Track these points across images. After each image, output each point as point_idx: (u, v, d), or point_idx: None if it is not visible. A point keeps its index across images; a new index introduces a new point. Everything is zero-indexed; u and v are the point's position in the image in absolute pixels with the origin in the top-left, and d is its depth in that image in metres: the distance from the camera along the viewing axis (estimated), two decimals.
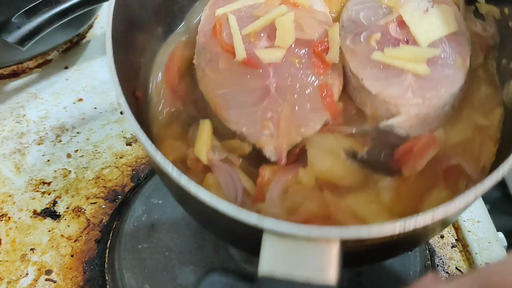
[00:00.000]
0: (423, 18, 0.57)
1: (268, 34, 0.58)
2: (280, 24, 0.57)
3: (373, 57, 0.56)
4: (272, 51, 0.56)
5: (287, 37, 0.56)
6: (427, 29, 0.57)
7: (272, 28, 0.57)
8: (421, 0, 0.59)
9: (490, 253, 0.71)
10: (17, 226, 0.71)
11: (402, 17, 0.57)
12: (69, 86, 0.91)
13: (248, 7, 0.59)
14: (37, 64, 0.93)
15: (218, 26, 0.58)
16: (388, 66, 0.55)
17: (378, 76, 0.55)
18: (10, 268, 0.67)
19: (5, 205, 0.74)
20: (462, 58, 0.56)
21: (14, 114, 0.86)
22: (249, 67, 0.55)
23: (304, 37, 0.57)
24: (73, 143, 0.82)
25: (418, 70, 0.55)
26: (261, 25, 0.57)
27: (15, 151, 0.81)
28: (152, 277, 0.65)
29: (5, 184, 0.76)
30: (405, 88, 0.54)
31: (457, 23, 0.58)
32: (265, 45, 0.57)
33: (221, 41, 0.57)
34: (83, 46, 0.98)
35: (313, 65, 0.56)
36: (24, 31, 0.74)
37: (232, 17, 0.58)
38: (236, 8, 0.59)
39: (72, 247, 0.70)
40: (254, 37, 0.57)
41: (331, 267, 0.39)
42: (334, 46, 0.57)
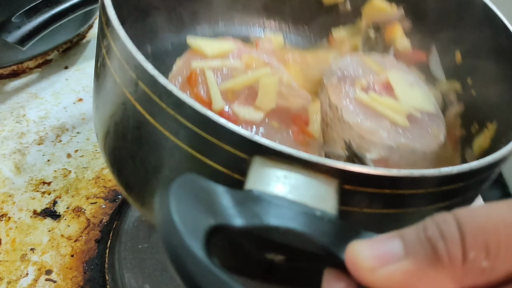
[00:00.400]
0: (408, 87, 0.57)
1: (246, 97, 0.53)
2: (263, 86, 0.53)
3: (357, 96, 0.55)
4: (252, 111, 0.52)
5: (269, 100, 0.53)
6: (411, 97, 0.57)
7: (252, 92, 0.53)
8: (407, 74, 0.60)
9: None
10: (17, 226, 0.71)
11: (389, 80, 0.57)
12: (69, 86, 0.91)
13: (227, 68, 0.56)
14: (37, 64, 0.93)
15: (193, 76, 0.54)
16: (369, 108, 0.55)
17: (358, 111, 0.54)
18: (10, 268, 0.67)
19: (5, 205, 0.74)
20: (438, 130, 0.56)
21: (14, 114, 0.86)
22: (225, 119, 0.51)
23: (285, 105, 0.54)
24: (73, 143, 0.82)
25: (398, 120, 0.54)
26: (242, 83, 0.53)
27: (15, 151, 0.81)
28: (152, 277, 0.65)
29: (5, 184, 0.76)
30: (383, 127, 0.54)
31: (435, 108, 0.58)
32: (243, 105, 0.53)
33: (196, 92, 0.53)
34: (83, 46, 0.98)
35: (293, 133, 0.54)
36: (24, 31, 0.74)
37: (209, 71, 0.54)
38: (215, 66, 0.55)
39: (72, 247, 0.70)
40: (232, 95, 0.53)
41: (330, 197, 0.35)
42: (315, 120, 0.55)
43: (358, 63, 0.61)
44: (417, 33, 0.63)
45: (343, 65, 0.60)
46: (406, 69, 0.62)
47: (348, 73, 0.59)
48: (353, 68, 0.60)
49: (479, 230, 0.28)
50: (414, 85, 0.59)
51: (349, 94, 0.56)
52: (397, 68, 0.61)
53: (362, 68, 0.60)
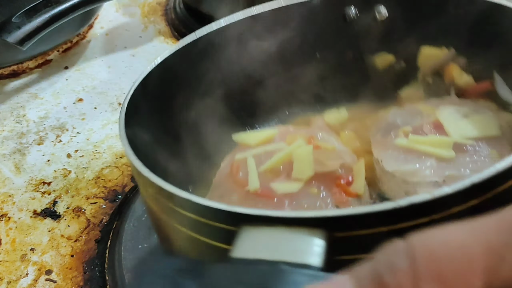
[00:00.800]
0: (460, 119, 0.54)
1: (288, 173, 0.53)
2: (297, 156, 0.53)
3: (396, 142, 0.53)
4: (288, 183, 0.52)
5: (304, 168, 0.52)
6: (463, 128, 0.53)
7: (291, 166, 0.53)
8: (461, 107, 0.56)
9: None
10: (17, 226, 0.71)
11: (439, 118, 0.55)
12: (69, 86, 0.91)
13: (269, 152, 0.56)
14: (37, 64, 0.94)
15: (235, 166, 0.55)
16: (411, 151, 0.52)
17: (398, 158, 0.53)
18: (10, 268, 0.67)
19: (5, 205, 0.74)
20: (498, 152, 0.52)
21: (14, 114, 0.86)
22: (262, 197, 0.52)
23: (324, 170, 0.53)
24: (73, 143, 0.82)
25: (442, 154, 0.51)
26: (278, 160, 0.54)
27: (15, 151, 0.81)
28: None
29: (5, 184, 0.76)
30: (424, 166, 0.51)
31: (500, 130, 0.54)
32: (282, 181, 0.53)
33: (236, 178, 0.54)
34: (83, 46, 0.98)
35: (334, 195, 0.52)
36: (24, 31, 0.74)
37: (251, 158, 0.55)
38: (257, 153, 0.56)
39: (72, 247, 0.70)
40: (272, 174, 0.54)
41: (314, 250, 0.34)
42: (359, 178, 0.53)
43: (410, 111, 0.58)
44: (476, 65, 0.62)
45: (391, 117, 0.58)
46: (462, 103, 0.59)
47: (395, 123, 0.57)
48: (402, 117, 0.58)
49: (432, 258, 0.25)
50: (469, 116, 0.55)
51: (390, 144, 0.54)
52: (450, 104, 0.58)
53: (413, 115, 0.58)
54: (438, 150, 0.51)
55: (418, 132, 0.55)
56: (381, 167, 0.54)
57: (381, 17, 0.62)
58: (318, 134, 0.59)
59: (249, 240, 0.36)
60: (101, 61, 0.96)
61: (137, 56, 0.96)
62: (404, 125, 0.56)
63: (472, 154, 0.51)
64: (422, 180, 0.51)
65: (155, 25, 1.03)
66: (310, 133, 0.59)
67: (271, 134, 0.59)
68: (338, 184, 0.53)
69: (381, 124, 0.58)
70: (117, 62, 0.95)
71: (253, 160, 0.55)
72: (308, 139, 0.57)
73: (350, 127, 0.63)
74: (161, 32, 1.01)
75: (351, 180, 0.53)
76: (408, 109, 0.59)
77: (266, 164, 0.54)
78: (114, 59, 0.96)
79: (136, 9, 1.07)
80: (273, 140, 0.58)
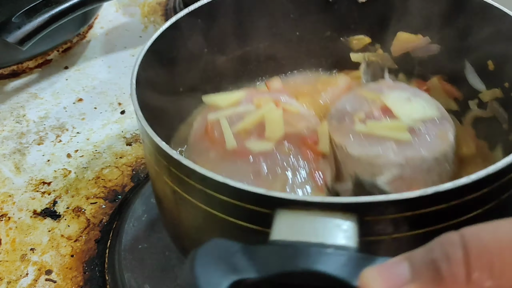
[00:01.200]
0: (406, 103, 0.60)
1: (258, 133, 0.59)
2: (269, 119, 0.59)
3: (356, 128, 0.58)
4: (261, 143, 0.57)
5: (276, 129, 0.58)
6: (410, 111, 0.59)
7: (263, 127, 0.59)
8: (403, 92, 0.62)
9: None
10: (17, 226, 0.71)
11: (386, 103, 0.60)
12: (69, 86, 0.91)
13: (239, 113, 0.61)
14: (37, 64, 0.94)
15: (209, 127, 0.60)
16: (371, 136, 0.57)
17: (361, 143, 0.57)
18: (10, 268, 0.67)
19: (5, 205, 0.74)
20: (444, 132, 0.58)
21: (14, 114, 0.86)
22: (239, 156, 0.57)
23: (293, 131, 0.59)
24: (73, 143, 0.82)
25: (399, 137, 0.57)
26: (251, 122, 0.59)
27: (15, 151, 0.81)
28: (152, 277, 0.65)
29: (5, 184, 0.76)
30: (387, 149, 0.56)
31: (440, 112, 0.61)
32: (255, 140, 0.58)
33: (212, 137, 0.59)
34: (83, 46, 0.98)
35: (303, 154, 0.58)
36: (24, 31, 0.74)
37: (223, 118, 0.60)
38: (228, 114, 0.61)
39: (72, 247, 0.70)
40: (245, 134, 0.59)
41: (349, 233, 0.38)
42: (324, 138, 0.59)
43: (354, 99, 0.64)
44: (448, 53, 0.67)
45: (340, 106, 0.63)
46: (402, 87, 0.65)
47: (346, 111, 0.62)
48: (350, 105, 0.63)
49: (484, 250, 0.28)
50: (412, 99, 0.61)
51: (349, 130, 0.59)
52: (393, 88, 0.64)
53: (360, 101, 0.63)
54: (395, 134, 0.57)
55: (370, 117, 0.59)
56: (346, 152, 0.57)
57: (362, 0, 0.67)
58: (281, 97, 0.64)
59: (286, 223, 0.39)
60: (101, 61, 0.96)
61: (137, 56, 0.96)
62: (354, 111, 0.61)
63: (424, 134, 0.57)
64: (387, 162, 0.55)
65: (155, 25, 1.03)
66: (275, 96, 0.64)
67: (239, 97, 0.63)
68: (305, 143, 0.59)
69: (331, 113, 0.63)
70: (117, 62, 0.95)
71: (226, 120, 0.60)
72: (275, 102, 0.62)
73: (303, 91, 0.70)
74: None
75: (317, 140, 0.59)
76: (354, 96, 0.64)
77: (240, 124, 0.59)
78: (114, 59, 0.96)
79: (136, 9, 1.07)
80: (241, 102, 0.63)
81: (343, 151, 0.58)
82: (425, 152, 0.56)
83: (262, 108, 0.60)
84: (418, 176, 0.56)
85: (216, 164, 0.57)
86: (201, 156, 0.58)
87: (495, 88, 0.64)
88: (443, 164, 0.58)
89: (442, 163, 0.58)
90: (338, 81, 0.69)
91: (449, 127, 0.59)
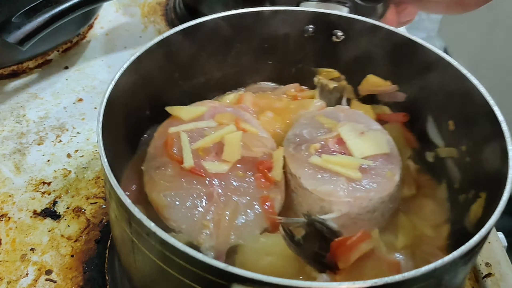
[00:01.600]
0: (359, 137, 0.64)
1: (216, 152, 0.62)
2: (228, 141, 0.62)
3: (311, 160, 0.62)
4: (218, 164, 0.61)
5: (233, 152, 0.61)
6: (362, 146, 0.64)
7: (221, 146, 0.62)
8: (358, 124, 0.66)
9: (490, 253, 0.71)
10: (17, 226, 0.71)
11: (341, 135, 0.64)
12: (69, 86, 0.91)
13: (200, 128, 0.64)
14: (37, 64, 0.93)
15: (169, 141, 0.62)
16: (324, 170, 0.61)
17: (315, 176, 0.61)
18: (10, 268, 0.67)
19: (5, 205, 0.74)
20: (392, 172, 0.63)
21: (14, 114, 0.86)
22: (195, 175, 0.59)
23: (249, 155, 0.62)
24: (73, 143, 0.82)
25: (351, 175, 0.61)
26: (210, 141, 0.62)
27: (15, 151, 0.81)
28: None
29: (5, 184, 0.76)
30: (338, 187, 0.60)
31: (390, 148, 0.64)
32: (213, 160, 0.61)
33: (171, 152, 0.61)
34: (83, 46, 0.98)
35: (256, 179, 0.61)
36: (24, 31, 0.74)
37: (184, 134, 0.62)
38: (189, 129, 0.64)
39: (72, 247, 0.70)
40: (203, 152, 0.61)
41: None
42: (278, 166, 0.62)
43: (312, 124, 0.67)
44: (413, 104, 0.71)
45: (298, 131, 0.67)
46: (358, 116, 0.69)
47: (303, 137, 0.65)
48: (307, 131, 0.66)
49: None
50: (365, 132, 0.65)
51: (305, 161, 0.62)
52: (349, 117, 0.68)
53: (316, 128, 0.67)
54: (347, 171, 0.61)
55: (325, 148, 0.63)
56: (299, 183, 0.61)
57: (336, 39, 0.71)
58: (243, 115, 0.67)
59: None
60: (101, 61, 0.96)
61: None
62: (311, 138, 0.65)
63: (372, 174, 0.62)
64: (336, 200, 0.59)
65: (155, 25, 1.03)
66: (235, 113, 0.67)
67: (201, 111, 0.66)
68: (259, 169, 0.62)
69: (289, 137, 0.66)
70: (117, 62, 0.95)
71: (186, 135, 0.62)
72: (235, 121, 0.65)
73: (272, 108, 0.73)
74: (161, 32, 1.01)
75: (271, 166, 0.62)
76: (311, 121, 0.68)
77: (198, 142, 0.62)
78: (114, 59, 0.96)
79: (136, 9, 1.07)
80: (203, 117, 0.66)
81: (297, 180, 0.62)
82: (373, 193, 0.60)
83: (223, 129, 0.63)
84: (363, 215, 0.60)
85: (172, 181, 0.59)
86: (158, 171, 0.61)
87: (452, 148, 0.67)
88: (387, 204, 0.62)
89: (387, 203, 0.62)
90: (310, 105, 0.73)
91: (397, 167, 0.63)
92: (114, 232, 0.60)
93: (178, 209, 0.57)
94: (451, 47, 2.00)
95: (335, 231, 0.58)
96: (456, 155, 0.67)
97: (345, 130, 0.64)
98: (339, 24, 0.71)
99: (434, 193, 0.68)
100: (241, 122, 0.65)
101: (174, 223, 0.57)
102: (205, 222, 0.57)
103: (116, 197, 0.50)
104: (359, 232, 0.56)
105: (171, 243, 0.45)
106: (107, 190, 0.55)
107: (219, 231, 0.56)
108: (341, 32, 0.71)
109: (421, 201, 0.67)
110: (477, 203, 0.61)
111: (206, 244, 0.56)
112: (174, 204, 0.58)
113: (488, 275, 0.69)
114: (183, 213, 0.57)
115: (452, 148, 0.67)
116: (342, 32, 0.71)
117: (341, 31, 0.71)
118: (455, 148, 0.67)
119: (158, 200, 0.58)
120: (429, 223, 0.65)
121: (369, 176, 0.61)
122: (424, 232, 0.63)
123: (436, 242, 0.63)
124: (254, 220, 0.58)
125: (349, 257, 0.55)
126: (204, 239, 0.56)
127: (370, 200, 0.60)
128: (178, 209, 0.57)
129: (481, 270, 0.69)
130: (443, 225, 0.64)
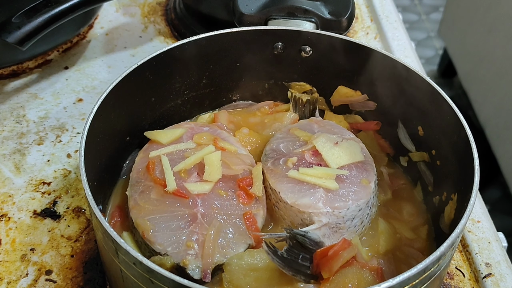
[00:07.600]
0: (334, 148, 0.67)
1: (197, 172, 0.65)
2: (208, 161, 0.64)
3: (289, 174, 0.64)
4: (200, 184, 0.63)
5: (214, 172, 0.63)
6: (337, 156, 0.66)
7: (202, 167, 0.64)
8: (332, 135, 0.69)
9: (490, 253, 0.71)
10: (17, 226, 0.71)
11: (316, 147, 0.67)
12: (69, 86, 0.91)
13: (180, 150, 0.67)
14: (37, 64, 0.94)
15: (151, 165, 0.65)
16: (302, 182, 0.64)
17: (293, 189, 0.64)
18: (10, 268, 0.67)
19: (5, 205, 0.74)
20: (367, 180, 0.65)
21: (14, 114, 0.86)
22: (178, 197, 0.62)
23: (230, 173, 0.64)
24: (73, 143, 0.82)
25: (328, 185, 0.63)
26: (191, 162, 0.65)
27: (15, 151, 0.81)
28: None
29: (5, 184, 0.76)
30: (316, 199, 0.62)
31: (364, 155, 0.68)
32: (194, 180, 0.64)
33: (153, 176, 0.64)
34: (83, 46, 0.98)
35: (238, 196, 0.63)
36: (24, 31, 0.74)
37: (164, 157, 0.65)
38: (169, 151, 0.66)
39: (72, 247, 0.70)
40: (185, 173, 0.64)
41: None
42: (257, 182, 0.64)
43: (288, 138, 0.70)
44: (384, 112, 0.74)
45: (275, 145, 0.69)
46: (332, 127, 0.72)
47: (280, 151, 0.68)
48: (284, 145, 0.69)
49: None
50: (339, 142, 0.68)
51: (283, 175, 0.65)
52: (323, 128, 0.71)
53: (292, 141, 0.69)
54: (324, 182, 0.63)
55: (302, 160, 0.66)
56: (279, 197, 0.63)
57: (305, 54, 0.74)
58: (219, 133, 0.70)
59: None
60: (101, 61, 0.96)
61: (137, 56, 0.96)
62: (287, 152, 0.68)
63: (349, 184, 0.64)
64: (316, 211, 0.61)
65: (155, 25, 1.03)
66: (212, 132, 0.70)
67: (180, 133, 0.69)
68: (240, 186, 0.64)
69: (266, 153, 0.69)
70: (117, 62, 0.95)
71: (167, 159, 0.65)
72: (214, 141, 0.67)
73: (248, 124, 0.76)
74: (161, 32, 1.01)
75: (251, 182, 0.64)
76: (287, 135, 0.71)
77: (179, 165, 0.64)
78: (114, 59, 0.96)
79: (136, 9, 1.07)
80: (182, 139, 0.69)
81: (277, 195, 0.64)
82: (350, 201, 0.62)
83: (202, 149, 0.66)
84: (343, 223, 0.62)
85: (157, 205, 0.62)
86: (142, 195, 0.63)
87: (423, 152, 0.70)
88: (365, 211, 0.64)
89: (364, 210, 0.64)
90: (284, 118, 0.75)
91: (371, 174, 0.66)
92: (103, 259, 0.62)
93: (163, 232, 0.59)
94: (451, 47, 2.00)
95: (317, 242, 0.59)
96: (427, 159, 0.70)
97: (320, 142, 0.67)
98: (306, 40, 0.74)
99: (411, 196, 0.71)
100: (219, 141, 0.68)
101: (159, 246, 0.59)
102: (190, 243, 0.58)
103: (102, 229, 0.52)
104: (340, 241, 0.58)
105: (158, 271, 0.48)
106: (93, 221, 0.57)
107: (203, 252, 0.58)
108: (309, 47, 0.74)
109: (399, 204, 0.70)
110: (449, 205, 0.63)
111: (192, 264, 0.57)
112: (159, 227, 0.60)
113: (488, 275, 0.69)
114: (168, 235, 0.59)
115: (423, 152, 0.70)
116: (310, 47, 0.74)
117: (309, 46, 0.74)
118: (426, 153, 0.70)
119: (143, 225, 0.60)
120: (408, 226, 0.67)
121: (345, 185, 0.64)
122: (404, 235, 0.66)
123: (416, 243, 0.65)
124: (238, 238, 0.60)
125: (332, 266, 0.56)
126: (190, 260, 0.58)
127: (348, 208, 0.62)
128: (163, 232, 0.59)
129: (481, 270, 0.69)
130: (421, 226, 0.67)
